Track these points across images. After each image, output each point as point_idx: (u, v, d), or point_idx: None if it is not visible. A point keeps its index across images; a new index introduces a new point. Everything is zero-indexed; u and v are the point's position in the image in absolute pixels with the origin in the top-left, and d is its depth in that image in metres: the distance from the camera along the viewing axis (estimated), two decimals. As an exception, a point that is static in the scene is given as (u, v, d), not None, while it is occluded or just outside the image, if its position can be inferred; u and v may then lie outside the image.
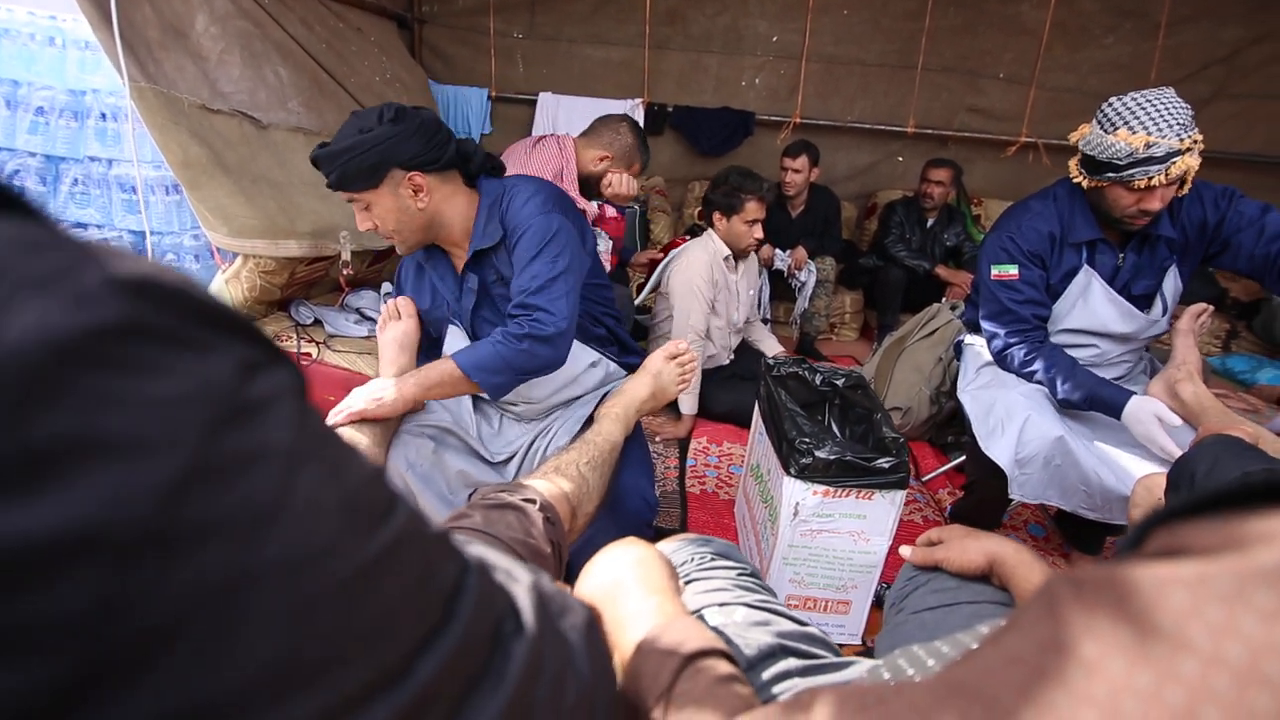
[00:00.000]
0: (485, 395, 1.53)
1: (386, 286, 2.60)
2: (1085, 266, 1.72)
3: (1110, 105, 1.57)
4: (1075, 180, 1.66)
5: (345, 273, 2.59)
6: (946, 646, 0.55)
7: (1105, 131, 1.55)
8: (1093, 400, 1.62)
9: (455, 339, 1.49)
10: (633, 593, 0.60)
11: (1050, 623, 0.30)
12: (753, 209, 2.43)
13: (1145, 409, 1.54)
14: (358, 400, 1.29)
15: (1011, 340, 1.74)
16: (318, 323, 2.36)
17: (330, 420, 1.34)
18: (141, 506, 0.20)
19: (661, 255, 2.79)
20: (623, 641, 0.56)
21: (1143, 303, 1.74)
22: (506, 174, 2.26)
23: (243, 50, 2.18)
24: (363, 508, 0.27)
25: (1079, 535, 1.92)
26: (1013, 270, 1.73)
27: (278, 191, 2.20)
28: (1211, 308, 1.70)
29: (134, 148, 2.01)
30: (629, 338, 1.64)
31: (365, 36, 3.06)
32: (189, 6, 2.02)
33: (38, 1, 2.26)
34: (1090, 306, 1.73)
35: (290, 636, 0.23)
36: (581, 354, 1.50)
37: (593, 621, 0.41)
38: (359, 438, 1.27)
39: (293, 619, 0.23)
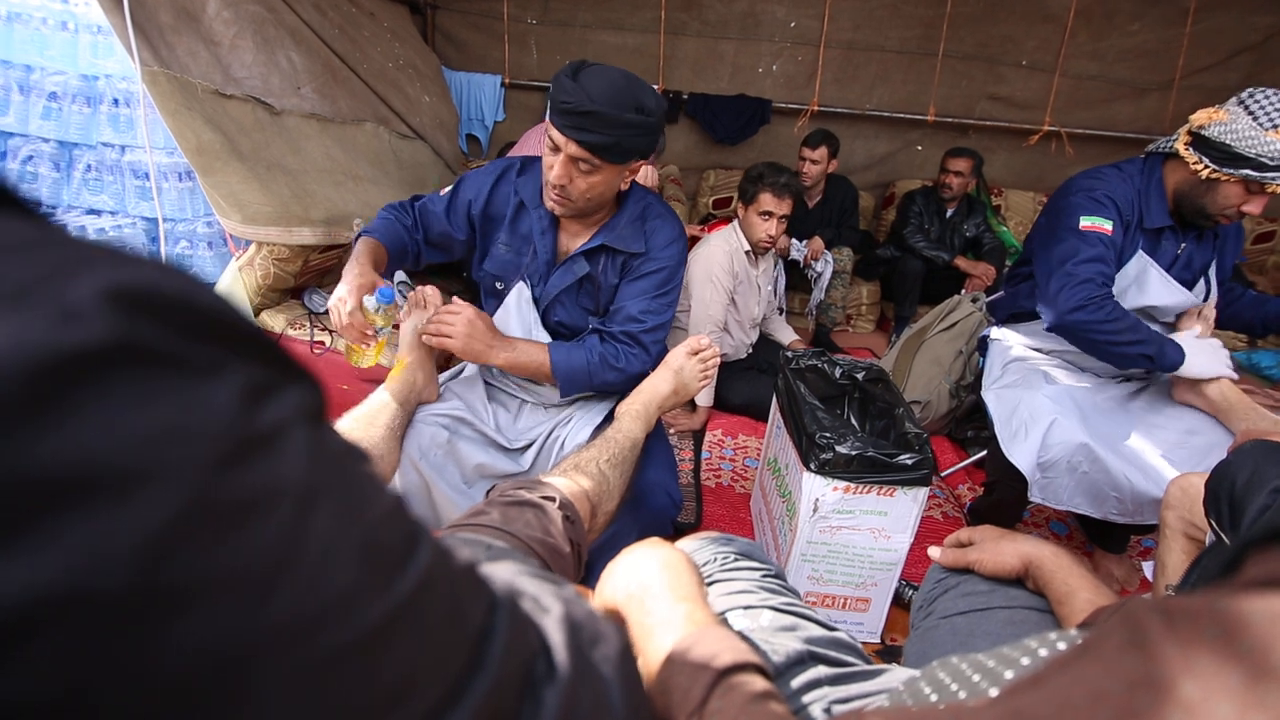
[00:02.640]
0: (498, 383, 1.53)
1: (400, 275, 2.58)
2: (1140, 253, 1.67)
3: (1268, 99, 1.45)
4: (1195, 167, 1.54)
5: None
6: (992, 661, 0.52)
7: (1263, 127, 1.43)
8: (1160, 357, 1.57)
9: (519, 297, 1.45)
10: (660, 598, 0.58)
11: (1139, 656, 0.27)
12: (766, 200, 2.39)
13: (1201, 345, 1.56)
14: (460, 328, 1.31)
15: (1096, 294, 1.58)
16: (331, 311, 2.34)
17: (423, 334, 1.34)
18: (125, 564, 0.17)
19: (701, 231, 2.75)
20: (649, 649, 0.54)
21: (1187, 287, 1.72)
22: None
23: (255, 35, 2.16)
24: (385, 548, 0.24)
25: (1102, 533, 1.88)
26: (1107, 225, 1.62)
27: (291, 178, 2.18)
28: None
29: (146, 133, 1.99)
30: (666, 347, 1.64)
31: (378, 21, 3.03)
32: (201, -11, 2.00)
33: (49, -15, 2.25)
34: (1146, 292, 1.69)
35: (301, 705, 0.20)
36: None
37: (627, 649, 0.38)
38: (384, 415, 1.24)
39: (305, 684, 0.20)
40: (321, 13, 2.57)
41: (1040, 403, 1.62)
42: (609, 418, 1.36)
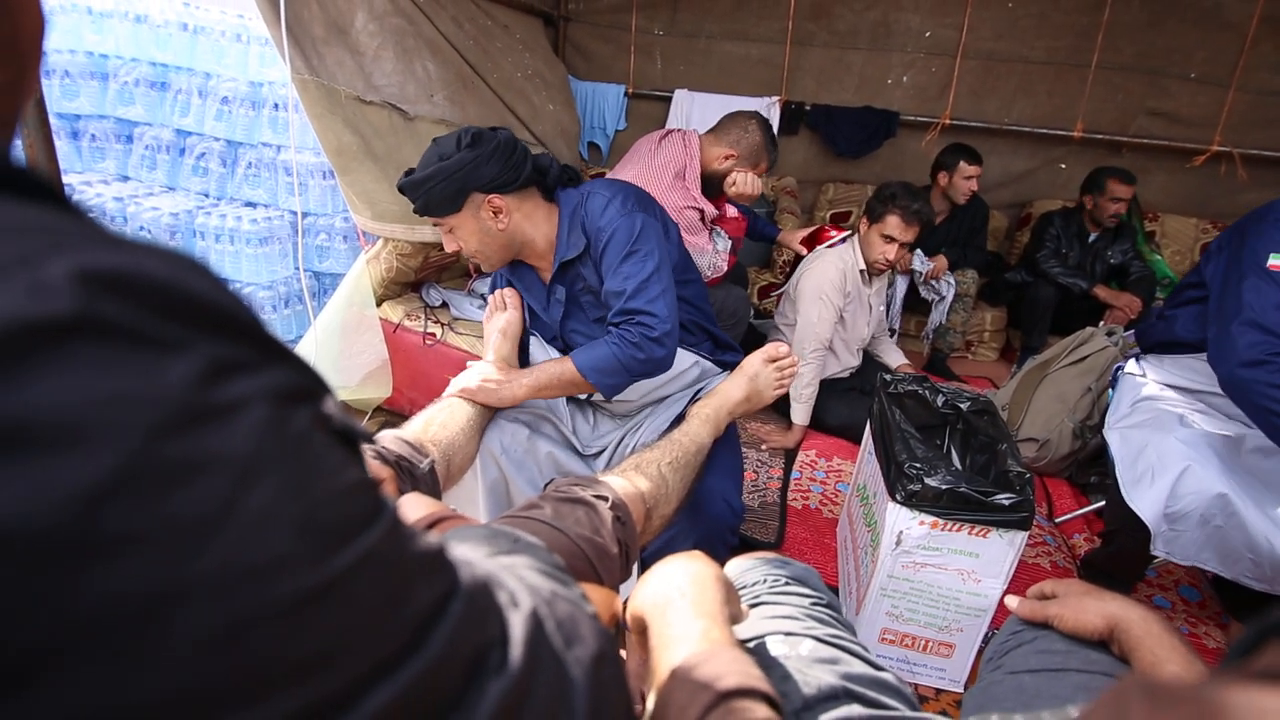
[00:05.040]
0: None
1: (480, 286, 2.68)
2: None
3: None
4: None
5: (474, 260, 2.70)
6: (1029, 725, 0.47)
7: None
8: None
9: (537, 352, 1.52)
10: (681, 613, 0.57)
11: None
12: (892, 223, 2.30)
13: None
14: (473, 378, 1.34)
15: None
16: (445, 305, 2.48)
17: (446, 393, 1.40)
18: (58, 510, 0.19)
19: (807, 246, 2.68)
20: (661, 663, 0.53)
21: None
22: (630, 168, 2.28)
23: (396, 46, 2.32)
24: (325, 526, 0.25)
25: (1241, 604, 1.66)
26: None
27: (417, 179, 2.33)
28: None
29: (294, 135, 2.19)
30: (721, 333, 1.58)
31: (511, 33, 3.18)
32: (351, 4, 2.17)
33: (227, 1, 2.53)
34: None
35: (213, 659, 0.22)
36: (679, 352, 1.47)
37: (604, 655, 0.38)
38: (465, 410, 1.30)
39: (219, 641, 0.22)
40: (458, 25, 2.73)
41: (1172, 446, 1.46)
42: (679, 420, 1.35)
